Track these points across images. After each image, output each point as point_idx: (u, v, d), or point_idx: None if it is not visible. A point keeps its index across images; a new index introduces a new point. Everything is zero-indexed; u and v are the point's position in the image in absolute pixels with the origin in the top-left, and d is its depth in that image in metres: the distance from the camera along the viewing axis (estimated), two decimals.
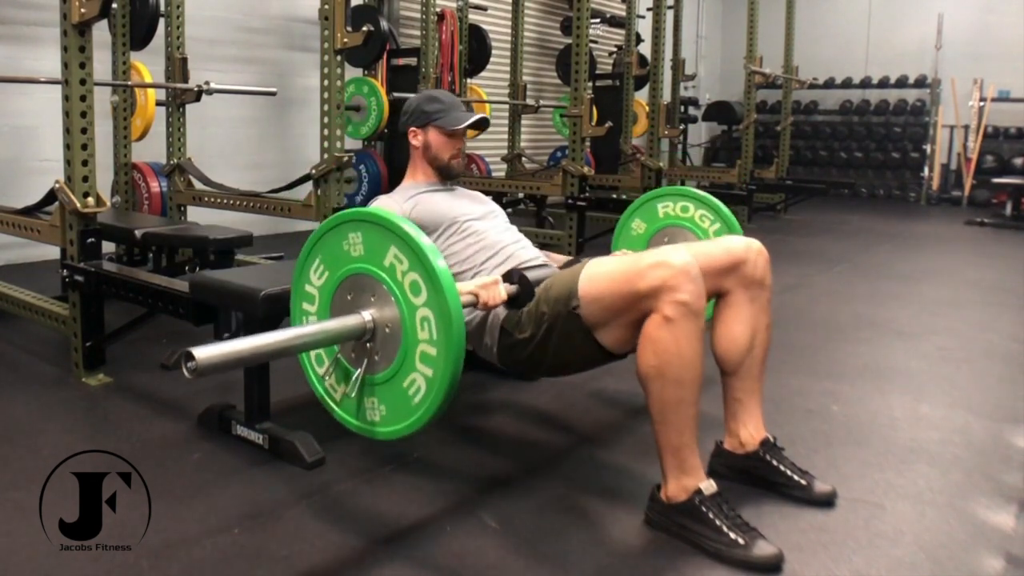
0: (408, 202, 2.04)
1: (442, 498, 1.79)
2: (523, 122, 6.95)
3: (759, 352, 1.83)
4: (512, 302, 1.76)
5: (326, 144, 3.22)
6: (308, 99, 5.47)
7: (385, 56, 5.68)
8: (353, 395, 1.56)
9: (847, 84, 9.83)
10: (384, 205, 2.04)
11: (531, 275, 1.81)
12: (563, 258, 2.21)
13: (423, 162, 2.16)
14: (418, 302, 1.45)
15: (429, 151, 2.14)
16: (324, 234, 1.62)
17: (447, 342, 1.41)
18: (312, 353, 1.67)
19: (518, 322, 1.80)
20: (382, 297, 1.51)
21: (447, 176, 2.17)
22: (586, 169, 4.89)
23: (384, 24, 5.39)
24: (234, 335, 2.68)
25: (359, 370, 1.54)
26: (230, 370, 1.41)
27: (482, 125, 2.17)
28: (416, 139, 2.15)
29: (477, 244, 1.99)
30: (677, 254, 1.58)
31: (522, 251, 2.02)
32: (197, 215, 4.12)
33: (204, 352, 1.29)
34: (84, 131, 2.40)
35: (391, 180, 5.62)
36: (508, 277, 1.78)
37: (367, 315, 1.53)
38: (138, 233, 3.09)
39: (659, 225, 2.44)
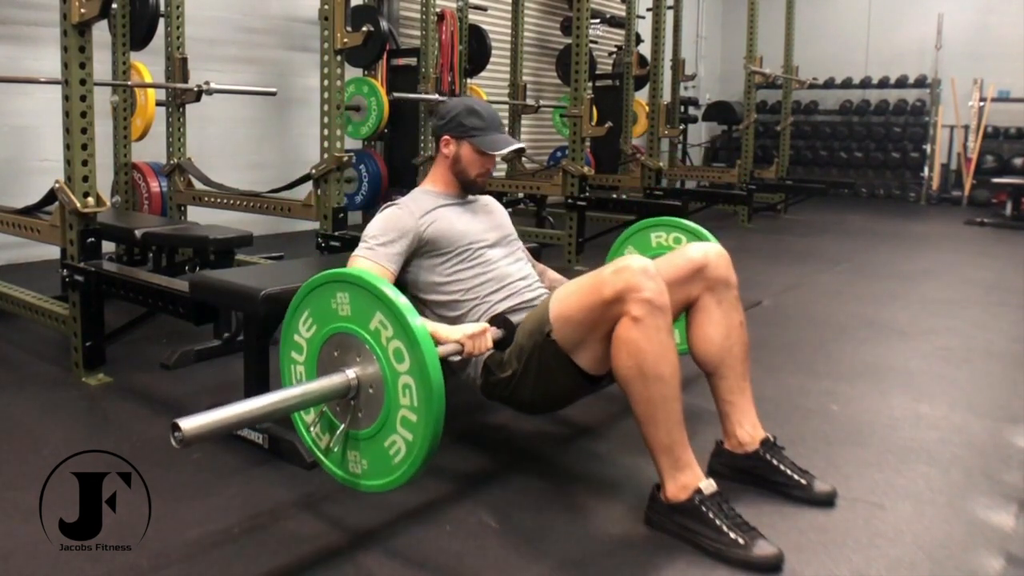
0: (424, 218, 1.99)
1: (442, 498, 1.79)
2: (523, 122, 6.95)
3: (738, 350, 1.85)
4: (497, 345, 1.80)
5: (326, 144, 3.22)
6: (308, 99, 5.47)
7: (385, 56, 5.68)
8: (336, 448, 1.59)
9: (847, 84, 9.84)
10: (398, 217, 1.97)
11: (515, 317, 1.85)
12: (559, 278, 2.22)
13: (448, 172, 2.09)
14: (401, 369, 1.48)
15: (458, 164, 2.06)
16: (313, 289, 1.63)
17: (427, 412, 1.43)
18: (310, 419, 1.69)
19: (500, 362, 1.83)
20: (367, 358, 1.53)
21: (469, 191, 2.13)
22: (586, 169, 4.89)
23: (384, 24, 5.39)
24: (234, 335, 2.69)
25: (343, 425, 1.57)
26: (217, 436, 1.43)
27: (519, 154, 2.14)
28: (448, 148, 2.07)
29: (485, 275, 1.99)
30: (634, 259, 1.63)
31: (527, 291, 2.02)
32: (197, 215, 4.12)
33: (190, 423, 1.32)
34: (84, 131, 2.40)
35: (391, 180, 5.62)
36: (494, 321, 1.83)
37: (351, 373, 1.55)
38: (138, 233, 3.09)
39: (656, 253, 2.43)
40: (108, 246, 3.17)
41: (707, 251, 1.89)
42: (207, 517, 1.67)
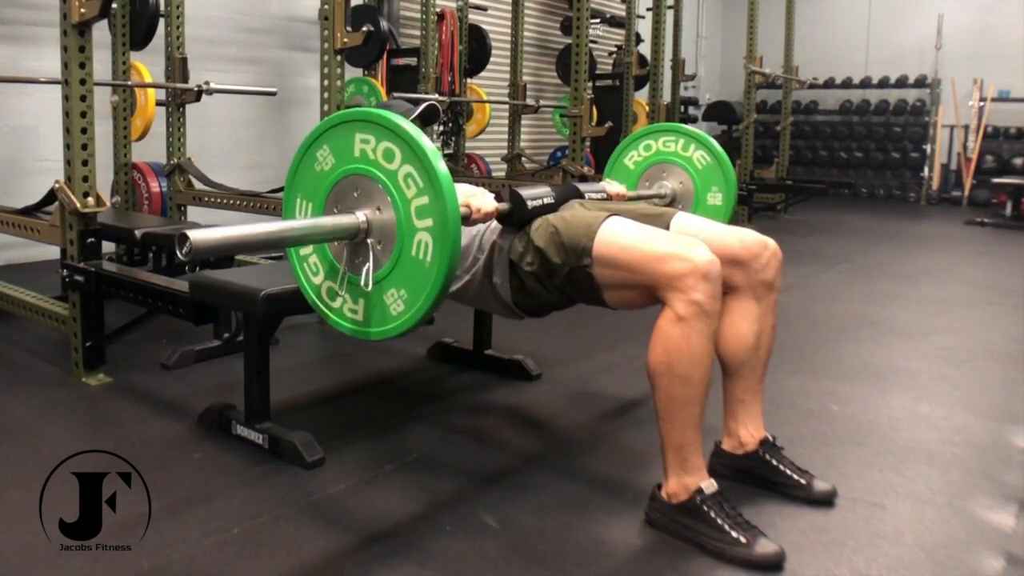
0: None
1: (442, 498, 1.79)
2: (523, 122, 6.95)
3: (763, 353, 1.82)
4: (506, 218, 1.76)
5: None
6: (308, 99, 5.47)
7: (385, 56, 5.68)
8: (369, 290, 1.55)
9: (847, 84, 9.83)
10: None
11: (523, 192, 1.79)
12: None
13: None
14: (395, 166, 1.47)
15: None
16: (296, 170, 1.64)
17: (433, 179, 1.42)
18: (323, 288, 1.66)
19: (524, 252, 1.77)
20: (364, 187, 1.53)
21: None
22: (586, 169, 4.88)
23: (384, 24, 5.39)
24: (234, 335, 2.69)
25: (368, 264, 1.54)
26: (223, 254, 1.42)
27: (431, 115, 2.06)
28: None
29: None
30: (699, 251, 1.56)
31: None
32: (197, 215, 4.12)
33: (199, 235, 1.31)
34: (84, 131, 2.40)
35: None
36: (498, 197, 1.77)
37: (359, 213, 1.54)
38: (138, 233, 3.09)
39: (652, 160, 2.50)
40: (108, 246, 3.17)
41: (764, 245, 1.81)
42: (207, 517, 1.67)
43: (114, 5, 3.75)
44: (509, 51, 6.80)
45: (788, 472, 1.80)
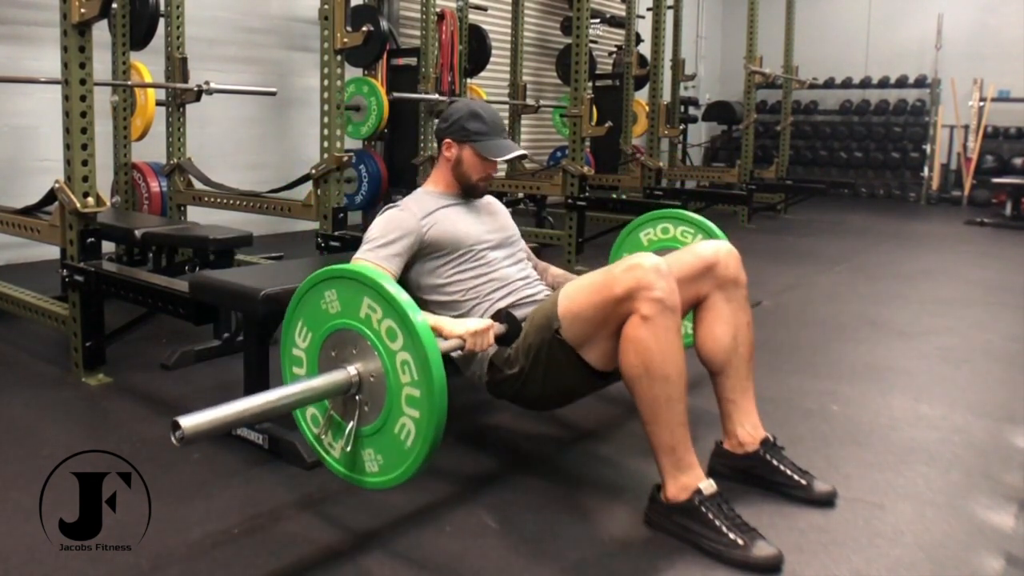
0: (427, 219, 1.99)
1: (442, 498, 1.79)
2: (523, 122, 6.95)
3: (744, 350, 1.84)
4: (500, 341, 1.79)
5: (326, 144, 3.22)
6: (308, 99, 5.47)
7: (385, 56, 5.67)
8: (349, 449, 1.57)
9: (847, 84, 9.83)
10: (400, 219, 1.97)
11: (519, 312, 1.84)
12: (562, 273, 2.23)
13: (450, 174, 2.09)
14: (395, 347, 1.47)
15: (460, 167, 2.06)
16: (303, 296, 1.64)
17: (428, 383, 1.42)
18: (308, 414, 1.68)
19: (507, 359, 1.83)
20: (363, 349, 1.53)
21: (470, 195, 2.12)
22: (586, 169, 4.88)
23: (384, 24, 5.39)
24: (234, 335, 2.69)
25: (351, 423, 1.56)
26: (217, 434, 1.43)
27: (521, 159, 2.14)
28: (450, 151, 2.07)
29: (486, 276, 1.99)
30: (646, 257, 1.62)
31: (527, 288, 2.03)
32: (197, 215, 4.12)
33: (190, 421, 1.31)
34: (84, 131, 2.40)
35: (391, 180, 5.62)
36: (497, 316, 1.81)
37: (352, 369, 1.54)
38: (138, 233, 3.09)
39: (666, 245, 2.44)
40: (108, 246, 3.17)
41: (718, 249, 1.89)
42: (207, 517, 1.67)
43: (114, 5, 3.75)
44: (509, 51, 6.80)
45: (788, 472, 1.80)
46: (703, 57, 10.27)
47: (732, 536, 1.53)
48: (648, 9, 6.68)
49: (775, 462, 1.81)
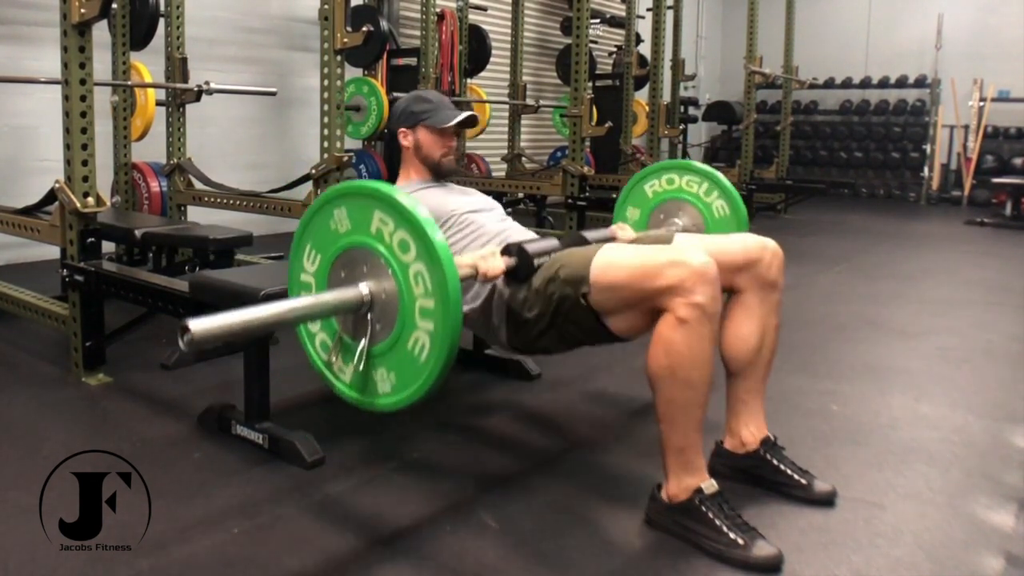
0: None
1: (442, 498, 1.79)
2: (523, 122, 6.95)
3: (767, 354, 1.83)
4: (512, 275, 1.76)
5: (326, 144, 3.22)
6: (308, 99, 5.47)
7: (385, 56, 5.68)
8: (361, 368, 1.54)
9: (847, 84, 9.83)
10: None
11: (530, 247, 1.79)
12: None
13: (415, 161, 2.15)
14: (408, 259, 1.45)
15: (420, 150, 2.13)
16: (311, 218, 1.62)
17: (443, 292, 1.40)
18: (317, 340, 1.66)
19: (525, 301, 1.78)
20: (375, 265, 1.51)
21: (440, 174, 2.16)
22: (586, 169, 4.89)
23: (384, 24, 5.39)
24: None
25: (363, 341, 1.53)
26: (226, 341, 1.40)
27: (471, 122, 2.16)
28: (407, 139, 2.14)
29: (475, 234, 1.99)
30: (695, 254, 1.56)
31: (520, 235, 2.01)
32: (197, 215, 4.12)
33: (199, 324, 1.29)
34: (84, 131, 2.40)
35: (391, 180, 5.60)
36: (506, 251, 1.77)
37: (363, 286, 1.52)
38: (138, 233, 3.09)
39: (672, 195, 2.44)
40: (108, 246, 3.17)
41: (765, 247, 1.83)
42: (207, 517, 1.67)
43: (114, 5, 3.75)
44: (509, 51, 6.80)
45: (789, 472, 1.80)
46: (703, 57, 10.27)
47: (732, 536, 1.53)
48: (648, 9, 6.68)
49: (775, 462, 1.81)
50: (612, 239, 2.03)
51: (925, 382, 2.75)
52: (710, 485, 1.58)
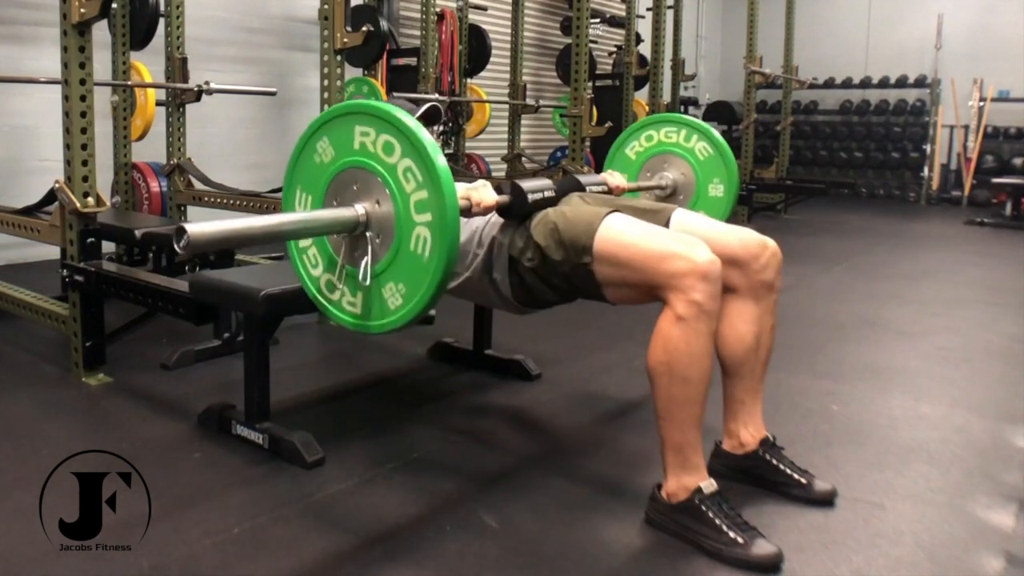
0: None
1: (442, 498, 1.79)
2: (523, 122, 6.95)
3: (763, 354, 1.82)
4: (506, 211, 1.75)
5: None
6: (308, 99, 5.46)
7: (385, 56, 5.67)
8: (368, 283, 1.54)
9: (847, 84, 9.84)
10: None
11: (524, 184, 1.78)
12: None
13: None
14: (395, 159, 1.46)
15: None
16: (296, 161, 1.64)
17: (433, 176, 1.41)
18: (322, 280, 1.66)
19: (524, 248, 1.77)
20: (363, 180, 1.52)
21: None
22: (586, 169, 4.88)
23: (384, 24, 5.39)
24: (234, 335, 2.69)
25: (366, 258, 1.53)
26: (221, 248, 1.41)
27: (434, 116, 2.13)
28: None
29: None
30: (700, 251, 1.55)
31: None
32: (197, 215, 4.12)
33: (196, 228, 1.30)
34: (84, 131, 2.40)
35: None
36: (498, 189, 1.77)
37: (358, 206, 1.54)
38: (138, 233, 3.09)
39: (654, 151, 2.48)
40: (108, 246, 3.16)
41: (764, 245, 1.81)
42: (207, 517, 1.67)
43: (114, 5, 3.75)
44: (509, 51, 6.80)
45: (788, 472, 1.80)
46: (703, 57, 10.27)
47: (732, 535, 1.53)
48: (648, 9, 6.68)
49: (775, 462, 1.81)
50: (605, 185, 2.07)
51: (925, 382, 2.75)
52: (709, 484, 1.58)
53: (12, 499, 1.73)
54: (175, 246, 1.30)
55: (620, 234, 1.66)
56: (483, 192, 1.71)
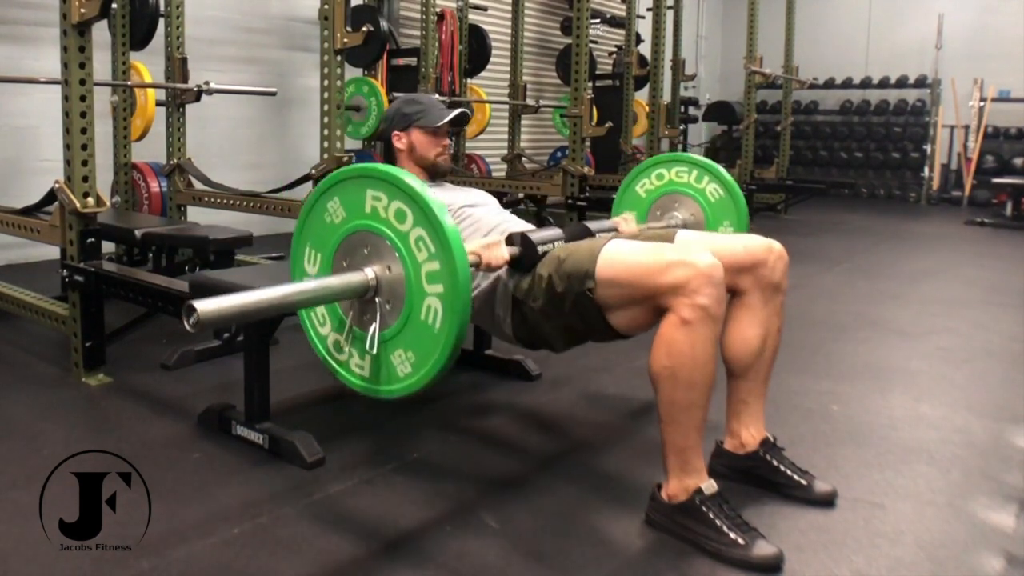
0: None
1: (442, 498, 1.79)
2: (523, 122, 6.95)
3: (769, 355, 1.83)
4: (515, 264, 1.75)
5: (326, 144, 3.22)
6: (308, 99, 5.47)
7: (385, 56, 5.68)
8: (374, 352, 1.53)
9: (847, 84, 9.84)
10: None
11: (534, 236, 1.79)
12: None
13: (410, 164, 2.16)
14: (407, 227, 1.45)
15: (415, 152, 2.15)
16: (305, 219, 1.63)
17: (446, 250, 1.40)
18: (329, 340, 1.65)
19: (529, 290, 1.78)
20: (375, 245, 1.51)
21: (435, 174, 2.18)
22: (586, 169, 4.89)
23: (384, 24, 5.39)
24: (234, 335, 2.69)
25: (374, 325, 1.52)
26: (232, 324, 1.40)
27: (462, 120, 2.19)
28: (400, 142, 2.16)
29: (474, 226, 1.99)
30: (702, 255, 1.56)
31: (517, 226, 2.02)
32: (197, 215, 4.12)
33: (206, 306, 1.28)
34: (84, 131, 2.40)
35: None
36: (510, 240, 1.77)
37: (368, 270, 1.53)
38: (138, 233, 3.09)
39: (664, 190, 2.45)
40: (108, 246, 3.17)
41: (770, 249, 1.82)
42: (207, 517, 1.67)
43: (114, 5, 3.75)
44: (509, 51, 6.80)
45: (789, 472, 1.80)
46: (703, 57, 10.27)
47: (732, 536, 1.53)
48: (648, 9, 6.68)
49: (775, 462, 1.81)
50: (615, 230, 2.04)
51: (925, 382, 2.75)
52: (710, 485, 1.58)
53: (12, 499, 1.73)
54: (185, 324, 1.28)
55: (621, 254, 1.67)
56: (494, 253, 1.71)
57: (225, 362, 2.66)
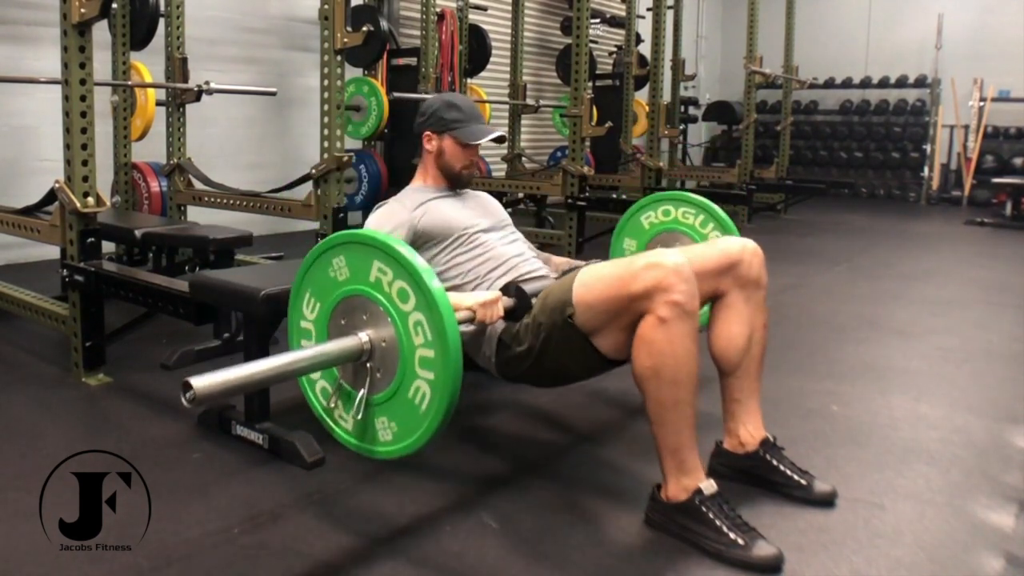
0: (418, 209, 2.03)
1: (442, 498, 1.79)
2: (523, 122, 6.95)
3: (756, 351, 1.83)
4: (509, 315, 1.77)
5: (326, 144, 3.22)
6: (308, 99, 5.47)
7: (385, 56, 5.68)
8: (360, 417, 1.56)
9: (847, 84, 9.83)
10: (392, 211, 2.04)
11: (528, 287, 1.82)
12: (565, 261, 2.21)
13: (434, 167, 2.14)
14: (407, 308, 1.46)
15: (442, 158, 2.11)
16: (309, 267, 1.64)
17: (443, 342, 1.41)
18: (317, 386, 1.68)
19: (516, 335, 1.81)
20: (374, 314, 1.52)
21: (457, 185, 2.16)
22: (586, 169, 4.89)
23: (384, 24, 5.39)
24: (234, 335, 2.69)
25: (362, 391, 1.55)
26: (228, 396, 1.42)
27: (500, 142, 2.17)
28: (431, 144, 2.12)
29: (483, 256, 2.00)
30: (669, 255, 1.59)
31: (525, 264, 2.02)
32: (197, 215, 4.12)
33: (201, 381, 1.30)
34: (84, 131, 2.40)
35: (391, 180, 5.62)
36: (505, 290, 1.79)
37: (363, 335, 1.54)
38: (138, 233, 3.09)
39: (668, 227, 2.47)
40: (108, 246, 3.17)
41: (744, 247, 1.85)
42: (207, 517, 1.67)
43: (114, 5, 3.75)
44: (509, 51, 6.80)
45: (788, 472, 1.80)
46: (703, 57, 10.27)
47: (732, 536, 1.53)
48: (648, 9, 6.68)
49: (775, 462, 1.81)
50: None
51: (925, 382, 2.75)
52: (709, 485, 1.58)
53: (12, 499, 1.73)
54: (183, 400, 1.30)
55: (594, 275, 1.71)
56: (490, 312, 1.71)
57: (225, 362, 2.64)
